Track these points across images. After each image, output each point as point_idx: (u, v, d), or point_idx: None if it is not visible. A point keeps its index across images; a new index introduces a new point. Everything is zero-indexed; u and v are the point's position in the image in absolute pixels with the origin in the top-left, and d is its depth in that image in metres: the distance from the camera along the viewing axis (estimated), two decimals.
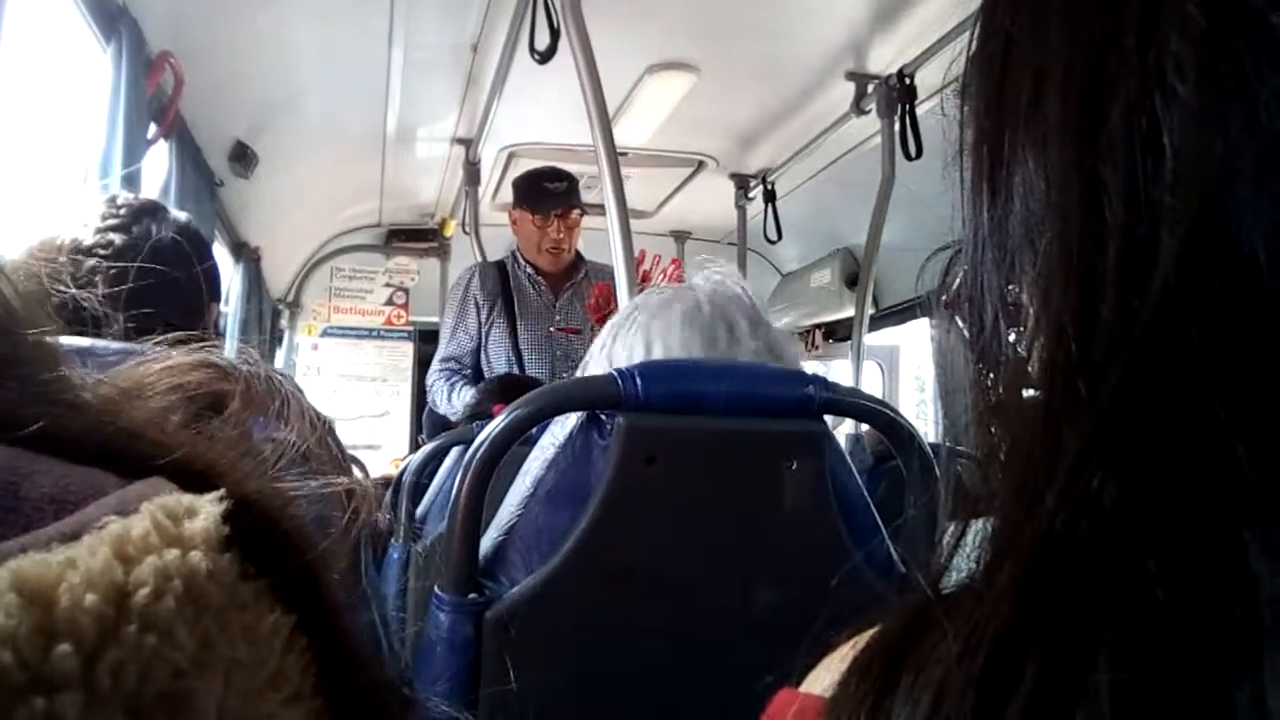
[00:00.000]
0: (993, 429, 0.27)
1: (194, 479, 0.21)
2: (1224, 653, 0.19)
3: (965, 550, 0.25)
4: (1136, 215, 0.23)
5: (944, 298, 0.36)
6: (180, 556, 0.18)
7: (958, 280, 0.32)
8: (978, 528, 0.25)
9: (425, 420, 3.02)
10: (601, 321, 1.88)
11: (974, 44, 0.32)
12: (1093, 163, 0.24)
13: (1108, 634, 0.20)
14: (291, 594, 0.21)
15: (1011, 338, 0.28)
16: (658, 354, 0.79)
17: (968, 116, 0.32)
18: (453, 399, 2.57)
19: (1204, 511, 0.20)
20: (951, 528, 0.26)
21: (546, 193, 2.52)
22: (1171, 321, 0.22)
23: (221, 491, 0.20)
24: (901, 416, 0.78)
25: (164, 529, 0.18)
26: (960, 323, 0.31)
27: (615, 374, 0.71)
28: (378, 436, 4.03)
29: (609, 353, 0.83)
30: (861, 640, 0.26)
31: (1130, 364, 0.22)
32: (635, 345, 0.80)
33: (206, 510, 0.19)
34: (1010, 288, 0.28)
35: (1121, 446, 0.21)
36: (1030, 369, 0.26)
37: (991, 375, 0.28)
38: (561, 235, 2.54)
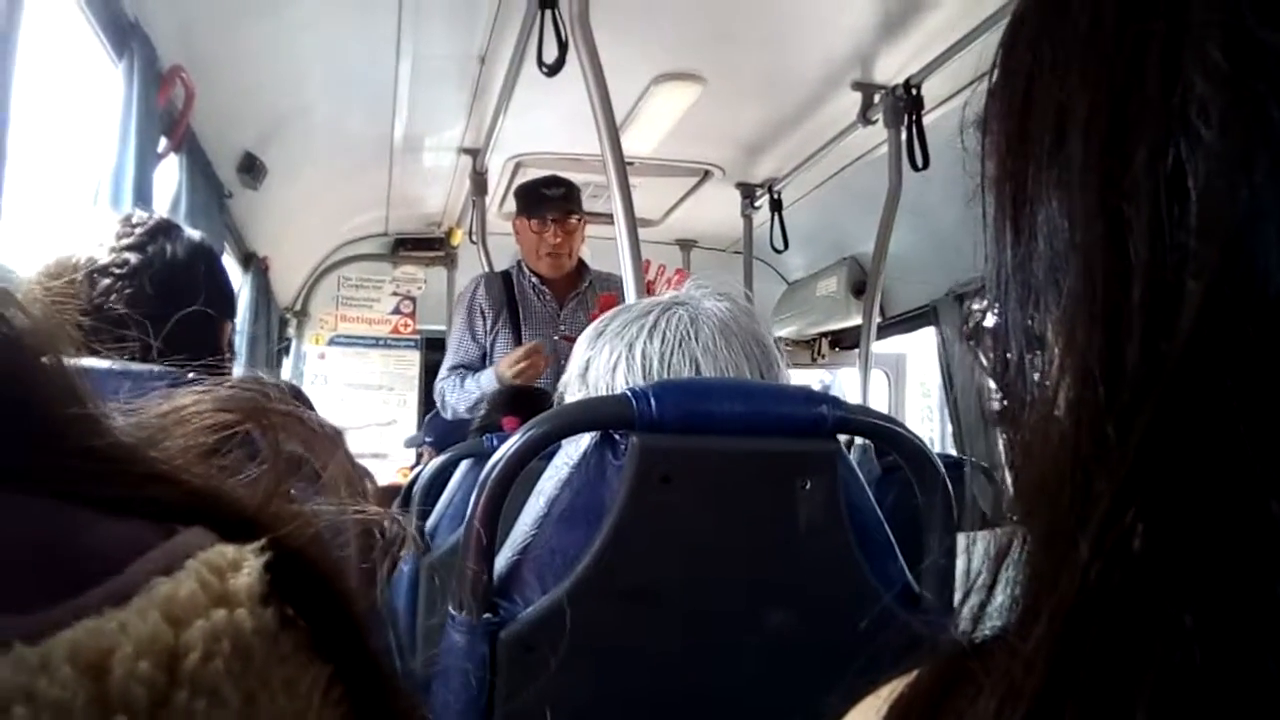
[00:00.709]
0: (1020, 472, 0.27)
1: (235, 526, 0.22)
2: (1265, 713, 0.19)
3: (997, 597, 0.25)
4: (1161, 258, 0.23)
5: (965, 326, 0.36)
6: (227, 616, 0.18)
7: (979, 315, 0.32)
8: (1008, 576, 0.25)
9: (428, 425, 3.02)
10: None
11: (993, 78, 0.32)
12: (1117, 204, 0.24)
13: (1145, 691, 0.20)
14: (330, 641, 0.21)
15: (1037, 376, 0.28)
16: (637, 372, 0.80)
17: (988, 150, 0.32)
18: (466, 384, 2.57)
19: (1240, 566, 0.20)
20: (983, 574, 0.26)
21: (543, 198, 2.54)
22: (1201, 366, 0.22)
23: (263, 541, 0.20)
24: (915, 436, 0.78)
25: (210, 587, 0.19)
26: (983, 359, 0.31)
27: (629, 394, 0.71)
28: (384, 445, 4.03)
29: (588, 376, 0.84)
30: (894, 690, 0.26)
31: (1159, 408, 0.22)
32: (620, 367, 0.81)
33: (250, 564, 0.20)
34: (1035, 324, 0.28)
35: (1153, 495, 0.21)
36: (1057, 410, 0.26)
37: (1017, 413, 0.28)
38: (559, 240, 2.55)
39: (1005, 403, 0.29)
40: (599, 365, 0.83)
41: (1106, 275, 0.24)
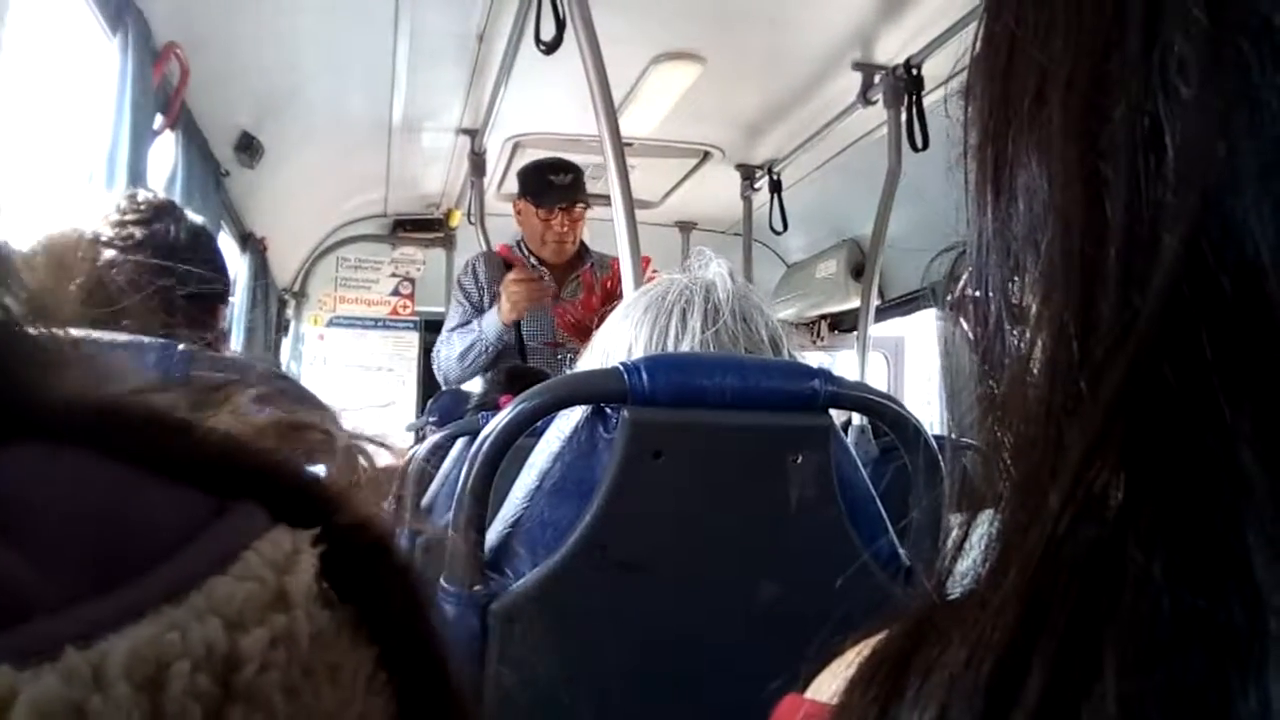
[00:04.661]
0: (996, 429, 0.27)
1: (289, 501, 0.21)
2: (1230, 659, 0.19)
3: (970, 552, 0.25)
4: (1138, 214, 0.23)
5: (949, 297, 0.36)
6: (286, 621, 0.18)
7: (963, 280, 0.32)
8: (982, 530, 0.25)
9: (432, 405, 3.01)
10: (581, 339, 1.88)
11: (977, 45, 0.32)
12: (1095, 163, 0.24)
13: (1113, 639, 0.20)
14: (380, 624, 0.20)
15: (1015, 339, 0.28)
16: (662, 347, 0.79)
17: (971, 117, 0.32)
18: (467, 328, 2.56)
19: (1209, 516, 0.20)
20: (955, 529, 0.26)
21: (550, 185, 2.51)
22: (1175, 321, 0.22)
23: (318, 531, 0.20)
24: (906, 410, 0.78)
25: (267, 584, 0.18)
26: (965, 323, 0.31)
27: (621, 368, 0.71)
28: (383, 427, 4.02)
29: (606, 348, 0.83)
30: (867, 646, 0.26)
31: (1132, 363, 0.22)
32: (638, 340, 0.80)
33: (306, 558, 0.19)
34: (1014, 288, 0.29)
35: (1124, 448, 0.21)
36: (1032, 368, 0.26)
37: (995, 375, 0.28)
38: (565, 229, 2.54)
39: (984, 365, 0.30)
40: (620, 350, 0.82)
41: (1084, 232, 0.24)
